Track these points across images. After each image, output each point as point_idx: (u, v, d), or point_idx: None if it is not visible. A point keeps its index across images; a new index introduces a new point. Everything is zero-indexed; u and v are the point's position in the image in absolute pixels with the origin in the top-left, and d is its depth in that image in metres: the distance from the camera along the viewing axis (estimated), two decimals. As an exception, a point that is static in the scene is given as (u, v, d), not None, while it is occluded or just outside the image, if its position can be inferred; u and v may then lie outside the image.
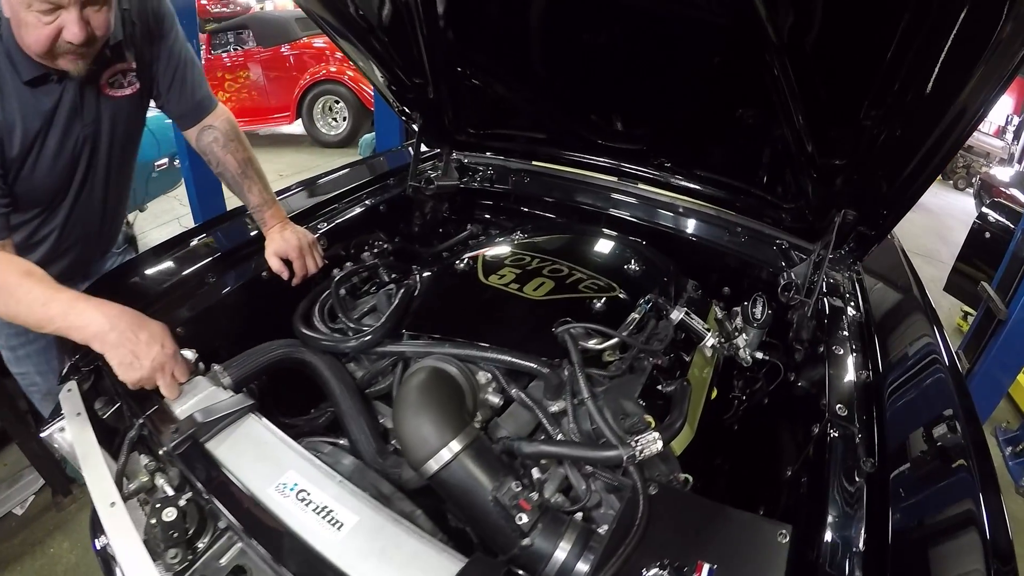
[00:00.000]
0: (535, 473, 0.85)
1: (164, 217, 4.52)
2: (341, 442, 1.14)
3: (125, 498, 0.92)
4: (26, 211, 1.28)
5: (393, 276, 1.40)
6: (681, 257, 1.67)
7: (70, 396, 1.12)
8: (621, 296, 1.32)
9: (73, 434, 1.05)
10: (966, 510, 0.87)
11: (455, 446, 0.87)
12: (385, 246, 1.69)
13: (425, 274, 1.33)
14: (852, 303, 1.40)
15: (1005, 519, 0.83)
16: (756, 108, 1.36)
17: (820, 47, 1.09)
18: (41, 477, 2.08)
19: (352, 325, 1.21)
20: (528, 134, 1.87)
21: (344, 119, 6.84)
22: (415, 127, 1.84)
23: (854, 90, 1.14)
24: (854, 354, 1.21)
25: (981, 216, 3.41)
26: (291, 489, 0.84)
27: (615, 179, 1.87)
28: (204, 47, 6.61)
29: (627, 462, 0.86)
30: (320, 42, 6.75)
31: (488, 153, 2.01)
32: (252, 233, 1.52)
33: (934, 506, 0.91)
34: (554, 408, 1.03)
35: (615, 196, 1.87)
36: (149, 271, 1.36)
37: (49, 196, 1.30)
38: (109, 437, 1.10)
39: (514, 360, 1.04)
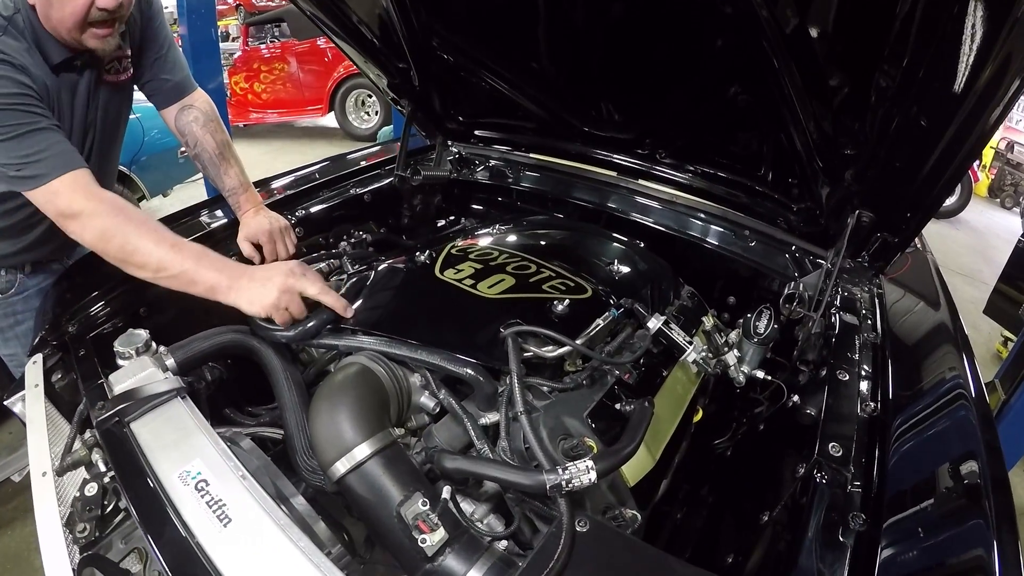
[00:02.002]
0: (444, 493, 0.77)
1: (191, 203, 4.64)
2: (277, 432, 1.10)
3: (62, 470, 0.92)
4: None
5: (357, 267, 1.35)
6: (683, 261, 1.55)
7: (33, 368, 1.15)
8: (593, 299, 1.22)
9: (28, 403, 1.08)
10: (975, 556, 0.74)
11: (365, 449, 0.80)
12: (364, 236, 1.64)
13: (383, 266, 1.27)
14: (869, 321, 1.25)
15: (1021, 571, 0.70)
16: (750, 86, 1.24)
17: (816, 22, 0.97)
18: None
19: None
20: (519, 123, 1.79)
21: (376, 113, 6.93)
22: (404, 115, 1.79)
23: (857, 65, 1.01)
24: (862, 381, 1.06)
25: None
26: (192, 478, 0.81)
27: (615, 174, 1.76)
28: (241, 38, 6.81)
29: (551, 491, 0.75)
30: (356, 36, 6.81)
31: (481, 144, 1.94)
32: (226, 219, 1.52)
33: (942, 554, 0.77)
34: (485, 420, 0.94)
35: (616, 194, 1.76)
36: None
37: None
38: (69, 410, 1.11)
39: (442, 363, 0.95)
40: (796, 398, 1.19)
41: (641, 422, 0.93)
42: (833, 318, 1.27)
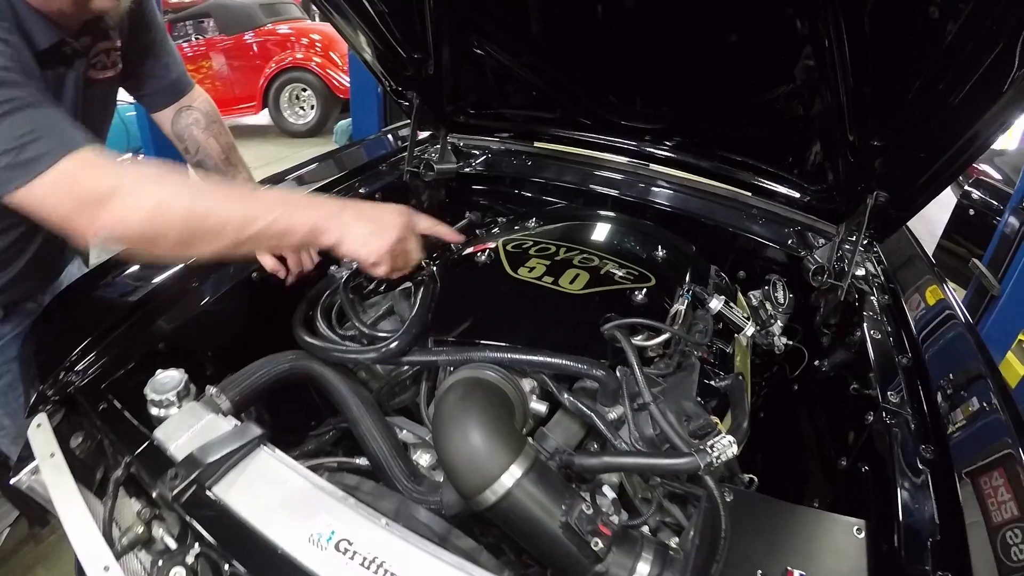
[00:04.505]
0: (608, 492, 0.74)
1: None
2: (358, 462, 1.01)
3: (119, 555, 0.77)
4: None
5: (403, 273, 1.26)
6: (694, 240, 1.57)
7: (40, 432, 0.94)
8: (659, 286, 1.22)
9: (48, 479, 0.88)
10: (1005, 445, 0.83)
11: (515, 471, 0.75)
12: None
13: (442, 269, 1.19)
14: (877, 284, 1.37)
15: None
16: (797, 83, 1.29)
17: (881, 20, 1.02)
18: (15, 508, 1.86)
19: (367, 331, 1.06)
20: (537, 114, 1.73)
21: (312, 107, 6.59)
22: (412, 107, 1.68)
23: (907, 75, 1.07)
24: (891, 338, 1.18)
25: (964, 195, 3.52)
26: (328, 539, 0.70)
27: (624, 160, 1.76)
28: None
29: (704, 470, 0.77)
30: (285, 28, 6.47)
31: (485, 136, 1.87)
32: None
33: (983, 447, 0.87)
34: (613, 415, 0.93)
35: (621, 177, 1.76)
36: (121, 277, 1.18)
37: None
38: (89, 475, 0.95)
39: (568, 364, 0.91)
40: (817, 361, 1.31)
41: (742, 396, 0.99)
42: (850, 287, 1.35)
